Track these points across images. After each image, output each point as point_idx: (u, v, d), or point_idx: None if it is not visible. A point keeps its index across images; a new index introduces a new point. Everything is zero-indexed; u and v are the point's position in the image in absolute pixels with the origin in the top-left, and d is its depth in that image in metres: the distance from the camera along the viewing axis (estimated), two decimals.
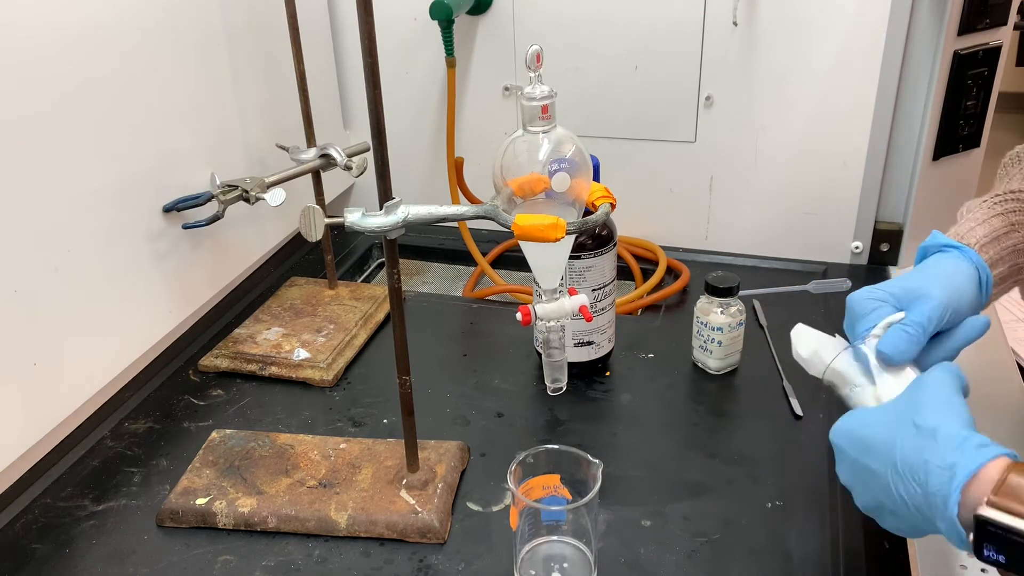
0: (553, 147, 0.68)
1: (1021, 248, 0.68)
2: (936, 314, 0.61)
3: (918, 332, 0.60)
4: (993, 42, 1.06)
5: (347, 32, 1.27)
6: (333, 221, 0.65)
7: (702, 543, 0.72)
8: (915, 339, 0.60)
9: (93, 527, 0.76)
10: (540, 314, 0.71)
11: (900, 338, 0.60)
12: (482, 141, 1.26)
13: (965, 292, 0.63)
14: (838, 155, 1.12)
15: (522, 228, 0.65)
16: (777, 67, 1.10)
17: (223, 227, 0.98)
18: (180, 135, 0.95)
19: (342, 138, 1.32)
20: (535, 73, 0.68)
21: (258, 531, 0.75)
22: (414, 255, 1.33)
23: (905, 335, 0.60)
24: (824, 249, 1.17)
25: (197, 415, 0.90)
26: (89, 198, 0.83)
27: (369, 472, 0.78)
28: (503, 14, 1.18)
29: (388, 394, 0.92)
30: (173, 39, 0.93)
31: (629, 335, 1.00)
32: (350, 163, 0.96)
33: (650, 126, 1.19)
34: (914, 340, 0.60)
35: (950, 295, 0.62)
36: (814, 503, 0.76)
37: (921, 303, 0.61)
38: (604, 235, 0.88)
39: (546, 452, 0.67)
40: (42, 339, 0.79)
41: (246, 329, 1.01)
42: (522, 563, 0.69)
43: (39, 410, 0.81)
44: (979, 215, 0.69)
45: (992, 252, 0.66)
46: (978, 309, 0.65)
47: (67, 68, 0.79)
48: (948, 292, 0.62)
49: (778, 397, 0.90)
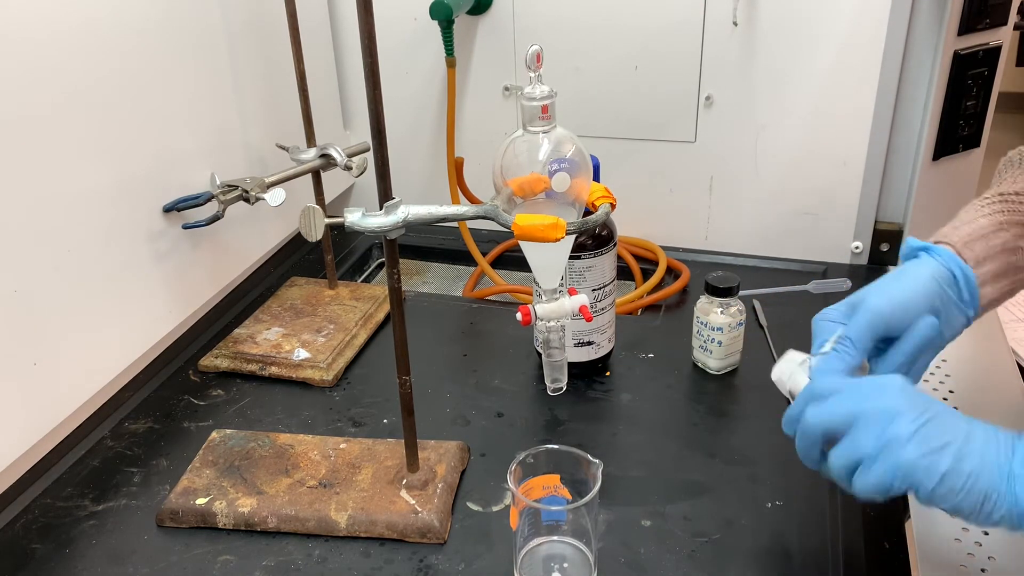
0: (553, 147, 0.68)
1: (1010, 247, 0.68)
2: (868, 324, 0.62)
3: (847, 347, 0.62)
4: (993, 42, 1.06)
5: (347, 32, 1.27)
6: (333, 221, 0.65)
7: (702, 543, 0.72)
8: (845, 356, 0.62)
9: (93, 527, 0.76)
10: (540, 314, 0.71)
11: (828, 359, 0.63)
12: (482, 141, 1.26)
13: (920, 292, 0.64)
14: (838, 155, 1.12)
15: (522, 228, 0.65)
16: (777, 67, 1.10)
17: (223, 227, 0.98)
18: (180, 135, 0.95)
19: (342, 138, 1.32)
20: (535, 73, 0.68)
21: (258, 531, 0.75)
22: (414, 255, 1.33)
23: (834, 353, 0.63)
24: (824, 249, 1.17)
25: (197, 415, 0.90)
26: (89, 198, 0.84)
27: (369, 472, 0.78)
28: (503, 14, 1.18)
29: (388, 394, 0.92)
30: (173, 39, 0.93)
31: (629, 335, 1.00)
32: (350, 163, 0.96)
33: (650, 126, 1.19)
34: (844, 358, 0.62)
35: (892, 300, 0.63)
36: (814, 503, 0.76)
37: (856, 315, 0.63)
38: (604, 235, 0.88)
39: (546, 452, 0.67)
40: (42, 339, 0.79)
41: (246, 329, 1.01)
42: (522, 563, 0.69)
43: (39, 410, 0.81)
44: (966, 217, 0.70)
45: (979, 249, 0.67)
46: (952, 305, 0.65)
47: (67, 68, 0.79)
48: (888, 298, 0.63)
49: (778, 397, 0.89)
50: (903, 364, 0.63)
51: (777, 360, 0.68)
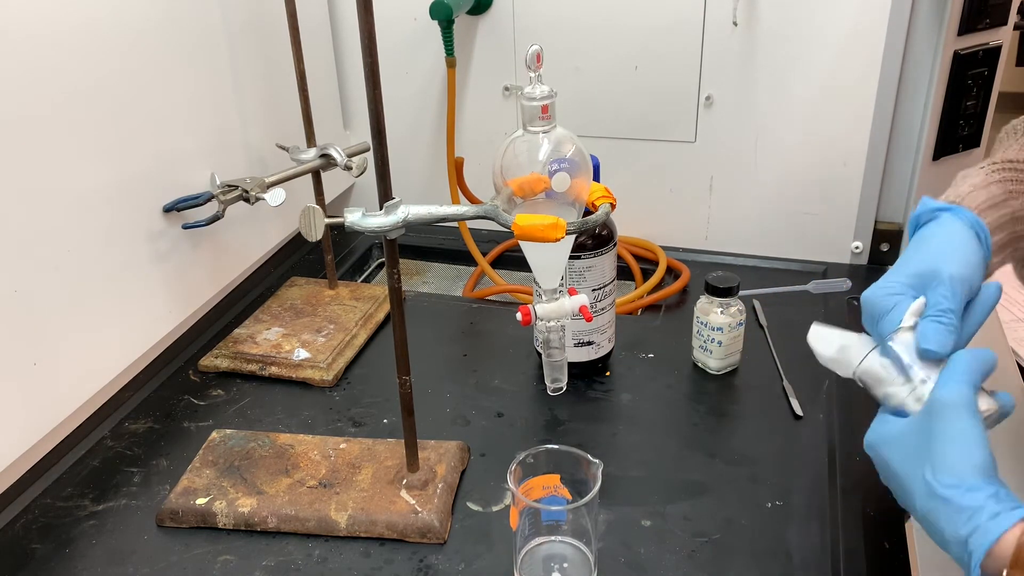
0: (553, 147, 0.68)
1: (1019, 216, 0.67)
2: (959, 293, 0.59)
3: (951, 320, 0.58)
4: (993, 42, 1.06)
5: (347, 32, 1.27)
6: (333, 221, 0.65)
7: (702, 543, 0.72)
8: (951, 327, 0.58)
9: (93, 527, 0.76)
10: (540, 314, 0.71)
11: (939, 331, 0.58)
12: (482, 141, 1.26)
13: (972, 256, 0.61)
14: (838, 155, 1.12)
15: (522, 228, 0.65)
16: (777, 67, 1.10)
17: (223, 227, 0.98)
18: (180, 135, 0.95)
19: (342, 138, 1.32)
20: (535, 73, 0.68)
21: (258, 531, 0.75)
22: (414, 255, 1.33)
23: (942, 327, 0.58)
24: (824, 249, 1.17)
25: (197, 415, 0.90)
26: (89, 198, 0.83)
27: (369, 472, 0.78)
28: (503, 14, 1.18)
29: (388, 394, 0.92)
30: (173, 39, 0.93)
31: (629, 335, 1.00)
32: (350, 163, 0.96)
33: (650, 126, 1.19)
34: (951, 329, 0.58)
35: (962, 267, 0.60)
36: (814, 503, 0.76)
37: (941, 287, 0.59)
38: (604, 235, 0.88)
39: (546, 452, 0.67)
40: (42, 339, 0.79)
41: (246, 329, 1.01)
42: (522, 563, 0.69)
43: (39, 410, 0.81)
44: (977, 181, 0.67)
45: (990, 218, 0.65)
46: (985, 268, 0.63)
47: (67, 68, 0.79)
48: (959, 265, 0.60)
49: (778, 397, 0.90)
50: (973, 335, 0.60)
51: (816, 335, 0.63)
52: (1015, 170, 0.68)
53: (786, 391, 0.90)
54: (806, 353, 0.65)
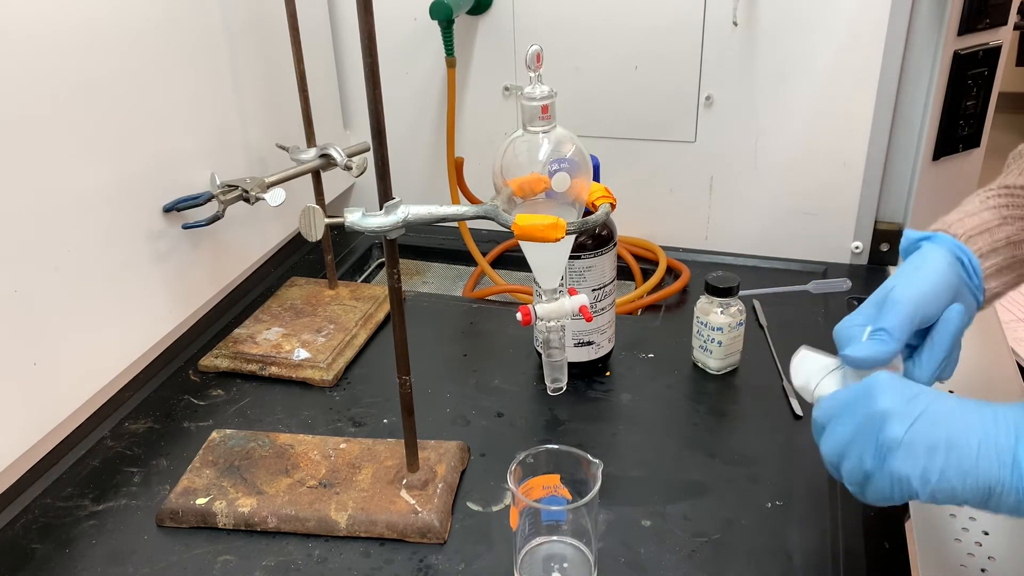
0: (553, 147, 0.68)
1: (1015, 240, 0.68)
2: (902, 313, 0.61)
3: (883, 336, 0.60)
4: (993, 42, 1.06)
5: (347, 32, 1.27)
6: (333, 221, 0.65)
7: (702, 543, 0.72)
8: (880, 340, 0.60)
9: (93, 527, 0.76)
10: (540, 314, 0.71)
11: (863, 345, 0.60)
12: (482, 141, 1.26)
13: (938, 277, 0.63)
14: (838, 155, 1.12)
15: (522, 228, 0.65)
16: (777, 67, 1.10)
17: (223, 227, 0.98)
18: (180, 135, 0.95)
19: (342, 138, 1.32)
20: (535, 73, 0.68)
21: (258, 531, 0.74)
22: (414, 255, 1.33)
23: (871, 341, 0.60)
24: (824, 249, 1.17)
25: (197, 415, 0.90)
26: (89, 198, 0.83)
27: (369, 472, 0.78)
28: (503, 14, 1.18)
29: (388, 394, 0.92)
30: (173, 39, 0.93)
31: (629, 335, 1.00)
32: (350, 163, 0.96)
33: (650, 126, 1.19)
34: (879, 341, 0.60)
35: (915, 289, 0.62)
36: (814, 503, 0.76)
37: (887, 308, 0.61)
38: (604, 235, 0.88)
39: (546, 452, 0.67)
40: (42, 339, 0.79)
41: (246, 329, 1.01)
42: (522, 563, 0.69)
43: (39, 410, 0.81)
44: (969, 208, 0.69)
45: (982, 243, 0.66)
46: (967, 289, 0.65)
47: (67, 68, 0.79)
48: (916, 288, 0.62)
49: (778, 397, 0.90)
50: (943, 359, 0.62)
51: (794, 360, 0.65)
52: (1011, 195, 0.69)
53: (786, 391, 0.90)
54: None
